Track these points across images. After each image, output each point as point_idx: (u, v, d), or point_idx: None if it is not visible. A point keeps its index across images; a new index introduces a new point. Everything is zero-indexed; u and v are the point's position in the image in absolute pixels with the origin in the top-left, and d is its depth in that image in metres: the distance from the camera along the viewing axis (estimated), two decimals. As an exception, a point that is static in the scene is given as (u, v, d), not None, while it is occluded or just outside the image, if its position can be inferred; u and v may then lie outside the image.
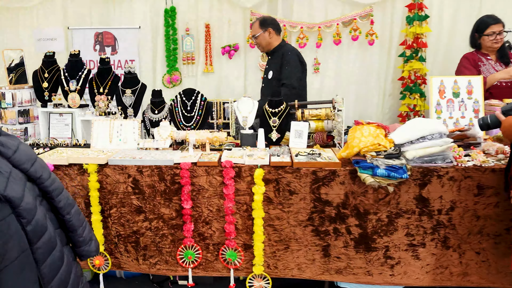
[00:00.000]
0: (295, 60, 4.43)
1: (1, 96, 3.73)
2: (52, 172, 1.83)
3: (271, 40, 4.56)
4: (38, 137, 3.86)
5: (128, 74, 3.84)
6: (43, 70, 3.88)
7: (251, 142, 3.67)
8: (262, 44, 4.58)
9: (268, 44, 4.57)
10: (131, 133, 3.63)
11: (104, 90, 3.80)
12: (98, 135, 3.63)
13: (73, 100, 3.76)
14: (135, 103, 3.79)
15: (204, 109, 3.75)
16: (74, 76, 3.81)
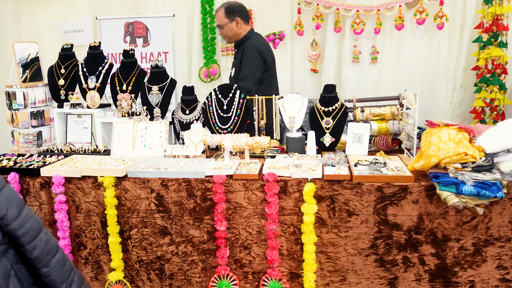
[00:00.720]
0: (255, 58, 3.84)
1: (12, 95, 3.38)
2: (26, 207, 1.37)
3: (238, 31, 3.98)
4: (53, 142, 3.51)
5: (155, 68, 3.38)
6: (59, 66, 3.51)
7: (299, 148, 3.13)
8: (228, 35, 4.01)
9: (235, 35, 3.99)
10: (157, 138, 3.17)
11: (127, 87, 3.37)
12: (119, 140, 3.21)
13: (92, 99, 3.36)
14: (162, 102, 3.34)
15: (243, 108, 3.24)
16: (93, 71, 3.41)
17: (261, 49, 3.90)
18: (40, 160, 3.08)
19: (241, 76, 3.74)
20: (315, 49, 5.11)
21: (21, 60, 3.47)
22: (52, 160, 3.09)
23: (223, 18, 3.93)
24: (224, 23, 3.93)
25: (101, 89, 3.42)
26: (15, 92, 3.36)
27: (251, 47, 3.84)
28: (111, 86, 3.46)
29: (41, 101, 3.41)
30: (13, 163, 3.02)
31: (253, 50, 3.82)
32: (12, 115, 3.38)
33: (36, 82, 3.48)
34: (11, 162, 3.02)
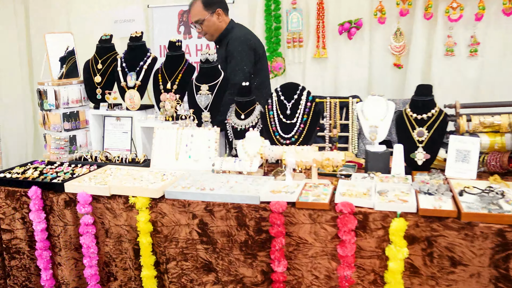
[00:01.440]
0: (242, 50, 3.23)
1: (43, 94, 3.04)
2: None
3: (220, 24, 3.37)
4: (89, 148, 3.18)
5: (205, 63, 2.90)
6: (96, 60, 3.13)
7: (382, 165, 2.53)
8: (210, 31, 3.38)
9: (218, 30, 3.38)
10: (205, 148, 2.69)
11: (172, 86, 2.91)
12: (160, 148, 2.75)
13: (132, 100, 2.93)
14: (213, 104, 2.84)
15: (311, 113, 2.67)
16: (134, 67, 3.00)
17: (247, 38, 3.34)
18: (69, 171, 2.70)
19: (229, 72, 3.17)
20: (399, 40, 4.40)
21: (59, 53, 3.14)
22: (82, 171, 2.70)
23: (202, 11, 3.34)
24: (203, 18, 3.34)
25: (142, 87, 2.99)
26: (46, 90, 3.02)
27: (235, 38, 3.29)
28: (154, 84, 3.03)
29: (75, 100, 3.05)
30: (38, 173, 2.67)
31: (239, 41, 3.27)
32: (44, 116, 3.05)
33: (71, 79, 3.13)
34: (36, 173, 2.67)
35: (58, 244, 2.59)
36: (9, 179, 2.64)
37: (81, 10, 5.07)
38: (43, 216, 2.53)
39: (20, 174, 2.69)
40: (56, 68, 3.14)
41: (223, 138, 2.98)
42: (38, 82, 3.08)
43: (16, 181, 2.61)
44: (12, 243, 2.67)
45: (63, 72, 3.13)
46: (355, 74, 4.57)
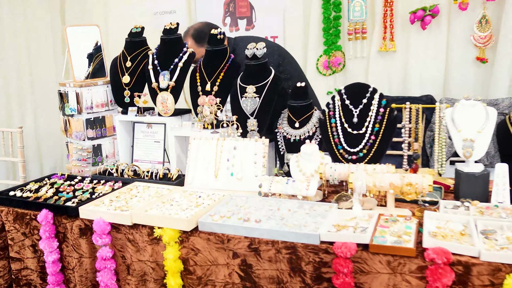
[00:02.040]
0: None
1: (65, 97, 2.68)
2: None
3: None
4: (116, 159, 2.79)
5: (252, 60, 2.43)
6: (124, 57, 2.71)
7: (479, 191, 1.97)
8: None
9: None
10: (251, 163, 2.23)
11: (212, 87, 2.46)
12: (196, 163, 2.32)
13: (164, 104, 2.51)
14: (261, 110, 2.37)
15: (384, 122, 2.14)
16: (167, 64, 2.56)
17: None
18: (89, 189, 2.33)
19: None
20: (485, 30, 3.74)
21: (84, 49, 2.77)
22: (104, 189, 2.31)
23: (195, 47, 2.94)
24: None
25: (177, 89, 2.54)
26: (67, 92, 2.66)
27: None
28: (191, 85, 2.58)
29: (100, 104, 2.66)
30: (53, 192, 2.31)
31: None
32: (66, 122, 2.69)
33: (96, 79, 2.76)
34: (51, 191, 2.30)
35: (72, 279, 2.20)
36: (18, 199, 2.27)
37: (119, 1, 4.72)
38: (56, 245, 2.15)
39: (32, 192, 2.33)
40: (83, 66, 2.76)
41: (273, 151, 2.51)
42: (59, 82, 2.73)
43: (25, 202, 2.24)
44: (22, 274, 2.31)
45: (90, 72, 2.77)
46: (429, 71, 3.94)
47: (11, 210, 2.27)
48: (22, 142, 3.21)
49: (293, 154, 2.29)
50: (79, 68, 2.70)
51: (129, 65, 2.65)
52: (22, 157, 3.22)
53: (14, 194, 2.33)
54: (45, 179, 2.53)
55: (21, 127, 3.21)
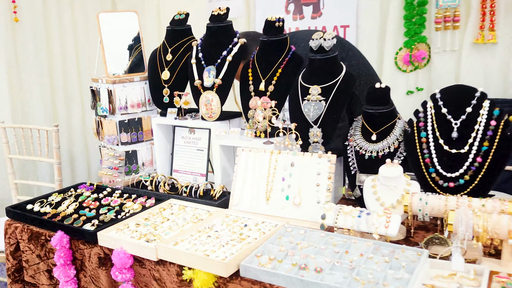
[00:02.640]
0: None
1: (97, 95, 2.36)
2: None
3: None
4: (153, 169, 2.41)
5: (318, 53, 1.96)
6: (165, 49, 2.30)
7: None
8: None
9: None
10: (313, 186, 1.78)
11: (267, 86, 2.03)
12: (244, 180, 1.91)
13: (208, 106, 2.10)
14: (327, 117, 1.89)
15: (496, 139, 1.62)
16: (214, 58, 2.13)
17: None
18: (116, 206, 2.00)
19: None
20: None
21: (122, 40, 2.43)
22: (133, 207, 1.96)
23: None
24: None
25: (224, 88, 2.11)
26: (99, 89, 2.33)
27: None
28: (242, 84, 2.14)
29: (136, 104, 2.30)
30: (75, 207, 1.98)
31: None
32: (98, 123, 2.37)
33: (133, 74, 2.40)
34: (73, 207, 1.97)
35: (91, 317, 1.89)
36: (33, 216, 1.94)
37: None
38: (72, 274, 1.81)
39: (52, 207, 2.01)
40: (119, 59, 2.40)
41: (341, 168, 2.04)
42: (92, 78, 2.39)
43: (40, 220, 1.92)
44: (37, 303, 2.03)
45: (128, 66, 2.43)
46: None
47: (26, 227, 1.95)
48: (58, 142, 2.95)
49: (368, 176, 1.81)
50: (115, 61, 2.33)
51: (169, 59, 2.24)
52: (58, 158, 2.96)
53: (32, 209, 2.03)
54: (71, 190, 2.21)
55: (57, 125, 2.94)
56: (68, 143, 4.11)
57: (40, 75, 3.84)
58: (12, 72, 3.69)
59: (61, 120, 4.01)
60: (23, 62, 3.76)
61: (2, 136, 3.03)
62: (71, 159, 4.13)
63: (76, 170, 4.20)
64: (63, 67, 4.00)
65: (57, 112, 4.03)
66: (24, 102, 3.80)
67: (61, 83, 4.01)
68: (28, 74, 3.78)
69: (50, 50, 3.96)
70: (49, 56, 3.95)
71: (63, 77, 4.01)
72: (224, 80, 2.11)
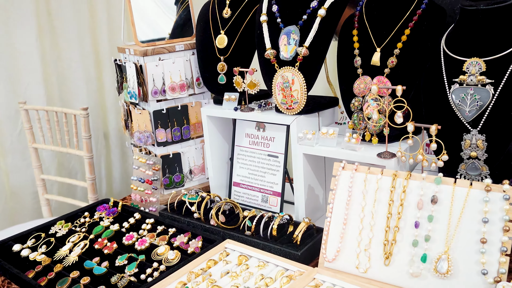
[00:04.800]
0: None
1: (123, 72, 1.70)
2: None
3: None
4: (203, 179, 1.75)
5: (481, 1, 1.18)
6: (221, 2, 1.58)
7: None
8: None
9: None
10: (473, 241, 1.05)
11: (385, 59, 1.25)
12: (347, 216, 1.21)
13: (286, 91, 1.36)
14: (496, 114, 1.13)
15: None
16: (297, 13, 1.35)
17: None
18: (143, 248, 1.36)
19: None
20: None
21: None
22: (167, 258, 1.33)
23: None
24: None
25: (313, 61, 1.34)
26: (125, 64, 1.68)
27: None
28: (341, 54, 1.38)
29: (178, 86, 1.63)
30: (83, 248, 1.36)
31: None
32: (127, 112, 1.75)
33: (176, 40, 1.75)
34: (77, 252, 1.36)
35: None
36: (13, 272, 1.30)
37: None
38: None
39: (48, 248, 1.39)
40: (163, 18, 1.75)
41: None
42: (118, 46, 1.73)
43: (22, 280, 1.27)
44: None
45: (171, 29, 1.76)
46: None
47: (6, 284, 1.39)
48: (89, 130, 2.37)
49: None
50: (150, 21, 1.67)
51: (227, 16, 1.51)
52: (89, 150, 2.40)
53: (19, 251, 1.40)
54: (85, 214, 1.60)
55: (86, 108, 2.36)
56: (103, 128, 3.03)
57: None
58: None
59: (94, 102, 2.91)
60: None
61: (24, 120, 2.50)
62: (107, 151, 3.08)
63: (113, 168, 3.14)
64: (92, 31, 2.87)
65: (90, 91, 2.90)
66: (61, 79, 2.84)
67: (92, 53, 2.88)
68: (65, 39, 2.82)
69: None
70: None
71: (93, 46, 2.88)
72: (313, 49, 1.33)
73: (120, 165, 3.05)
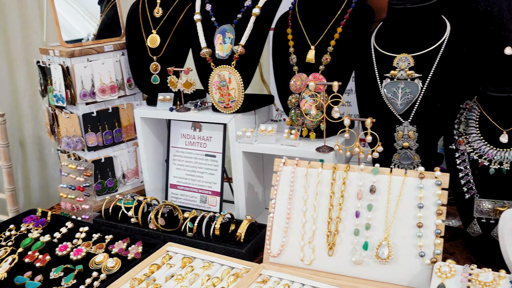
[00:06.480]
0: None
1: (47, 74, 1.62)
2: None
3: None
4: (139, 181, 1.72)
5: (407, 0, 1.27)
6: (152, 3, 1.57)
7: None
8: None
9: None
10: (410, 226, 1.11)
11: (320, 56, 1.29)
12: (290, 215, 1.24)
13: (223, 89, 1.37)
14: (425, 106, 1.18)
15: None
16: (231, 12, 1.37)
17: None
18: (79, 258, 1.31)
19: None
20: None
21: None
22: (107, 265, 1.28)
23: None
24: None
25: (249, 60, 1.37)
26: (50, 65, 1.61)
27: None
28: (275, 53, 1.41)
29: (108, 87, 1.59)
30: (9, 268, 1.27)
31: None
32: (53, 117, 1.67)
33: (104, 40, 1.69)
34: (5, 268, 1.26)
35: None
36: None
37: None
38: None
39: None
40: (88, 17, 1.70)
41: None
42: (40, 48, 1.65)
43: None
44: None
45: (97, 28, 1.71)
46: None
47: None
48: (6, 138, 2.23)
49: (505, 208, 1.15)
50: (75, 21, 1.62)
51: (159, 15, 1.51)
52: (7, 159, 2.26)
53: None
54: (10, 227, 1.49)
55: (2, 114, 2.21)
56: (19, 135, 2.84)
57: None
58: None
59: (6, 108, 2.69)
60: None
61: None
62: (24, 160, 2.87)
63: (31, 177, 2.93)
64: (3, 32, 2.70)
65: (3, 96, 2.71)
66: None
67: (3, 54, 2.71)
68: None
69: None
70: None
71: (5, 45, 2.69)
72: (249, 47, 1.36)
73: (39, 174, 2.87)
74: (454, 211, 1.41)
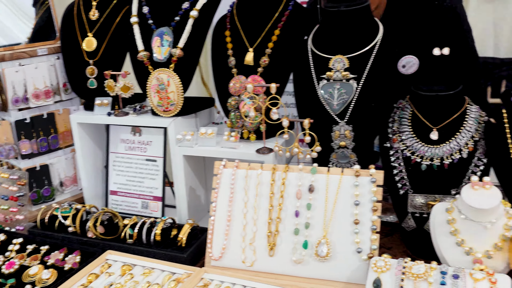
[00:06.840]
0: None
1: None
2: None
3: None
4: (78, 188, 1.67)
5: (341, 3, 1.29)
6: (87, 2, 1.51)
7: None
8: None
9: None
10: (348, 223, 1.14)
11: (257, 59, 1.28)
12: (231, 217, 1.24)
13: (162, 93, 1.34)
14: (360, 106, 1.22)
15: None
16: (168, 14, 1.37)
17: None
18: (12, 271, 1.23)
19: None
20: None
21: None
22: (41, 278, 1.22)
23: None
24: None
25: (188, 62, 1.37)
26: None
27: None
28: (214, 56, 1.42)
29: (43, 92, 1.54)
30: None
31: None
32: None
33: (37, 44, 1.64)
34: None
35: None
36: None
37: None
38: None
39: None
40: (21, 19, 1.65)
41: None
42: (-32, 51, 1.62)
43: None
44: None
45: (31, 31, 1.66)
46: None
47: None
48: None
49: (427, 198, 1.20)
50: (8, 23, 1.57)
51: (94, 18, 1.48)
52: None
53: None
54: None
55: None
56: None
57: None
58: None
59: None
60: None
61: None
62: None
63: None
64: None
65: None
66: None
67: None
68: None
69: None
70: None
71: None
72: (188, 50, 1.36)
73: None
74: (391, 206, 1.46)
